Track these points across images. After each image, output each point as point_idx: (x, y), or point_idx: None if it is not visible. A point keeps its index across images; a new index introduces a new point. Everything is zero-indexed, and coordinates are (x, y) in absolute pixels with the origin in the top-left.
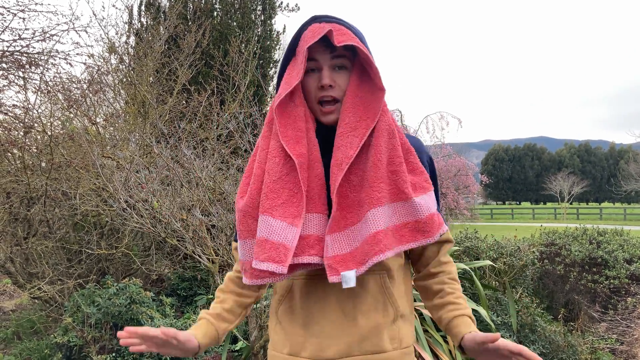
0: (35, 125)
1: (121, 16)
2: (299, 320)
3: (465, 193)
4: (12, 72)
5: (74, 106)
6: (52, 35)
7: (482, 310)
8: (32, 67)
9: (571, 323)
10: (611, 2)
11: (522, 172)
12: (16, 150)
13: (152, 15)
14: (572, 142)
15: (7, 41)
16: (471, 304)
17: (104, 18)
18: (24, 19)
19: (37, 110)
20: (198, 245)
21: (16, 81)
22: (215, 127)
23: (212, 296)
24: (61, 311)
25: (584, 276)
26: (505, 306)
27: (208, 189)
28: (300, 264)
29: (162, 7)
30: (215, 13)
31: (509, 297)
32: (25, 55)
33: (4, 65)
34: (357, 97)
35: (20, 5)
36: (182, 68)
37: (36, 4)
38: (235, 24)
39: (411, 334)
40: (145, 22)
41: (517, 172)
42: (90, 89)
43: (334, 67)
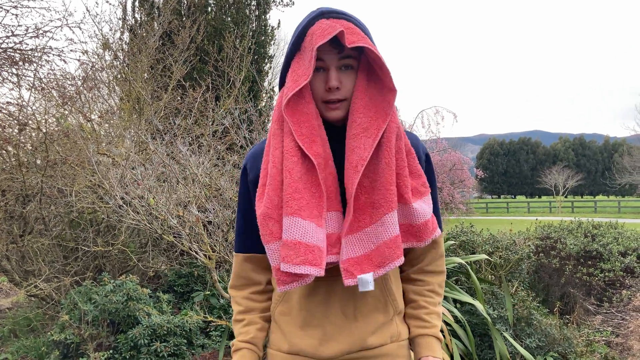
0: (30, 122)
1: (115, 12)
2: (298, 321)
3: (461, 187)
4: (5, 69)
5: (69, 103)
6: (46, 31)
7: (479, 304)
8: (26, 64)
9: (567, 316)
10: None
11: (517, 166)
12: (11, 148)
13: (146, 11)
14: (566, 135)
15: (0, 38)
16: (467, 298)
17: (97, 14)
18: (16, 15)
19: (31, 108)
20: (195, 241)
21: (9, 78)
22: (211, 123)
23: (209, 292)
24: (58, 309)
25: (579, 269)
26: (501, 300)
27: (204, 185)
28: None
29: (156, 3)
30: (209, 8)
31: (504, 290)
32: (18, 52)
33: None
34: (367, 97)
35: (12, 2)
36: (176, 64)
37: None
38: (229, 19)
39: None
40: (139, 18)
41: (512, 166)
42: (85, 85)
43: (341, 67)
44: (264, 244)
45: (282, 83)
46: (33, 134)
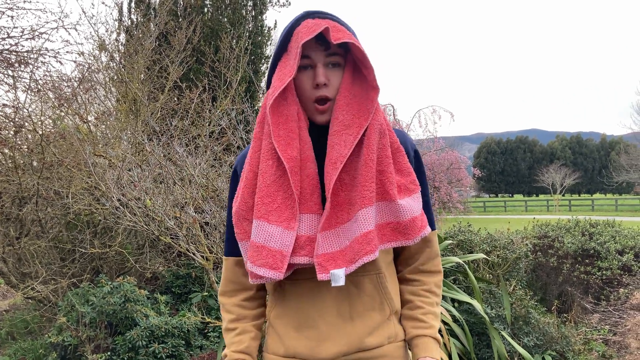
0: (26, 124)
1: (111, 13)
2: (293, 323)
3: (458, 186)
4: (1, 71)
5: (65, 104)
6: (42, 33)
7: (476, 304)
8: (22, 66)
9: (564, 314)
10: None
11: (515, 164)
12: (7, 150)
13: (142, 12)
14: (563, 134)
15: None
16: (465, 297)
17: (93, 15)
18: (12, 17)
19: (27, 109)
20: (192, 242)
21: (5, 80)
22: (208, 124)
23: (206, 293)
24: (55, 311)
25: (576, 268)
26: (499, 299)
27: (201, 186)
28: (290, 264)
29: (152, 4)
30: (205, 9)
31: (502, 289)
32: (14, 53)
33: None
34: (351, 95)
35: (8, 3)
36: (173, 65)
37: (25, 1)
38: (226, 19)
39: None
40: (135, 19)
41: (510, 165)
42: (81, 87)
43: (328, 64)
44: (237, 240)
45: (268, 85)
46: (29, 136)
